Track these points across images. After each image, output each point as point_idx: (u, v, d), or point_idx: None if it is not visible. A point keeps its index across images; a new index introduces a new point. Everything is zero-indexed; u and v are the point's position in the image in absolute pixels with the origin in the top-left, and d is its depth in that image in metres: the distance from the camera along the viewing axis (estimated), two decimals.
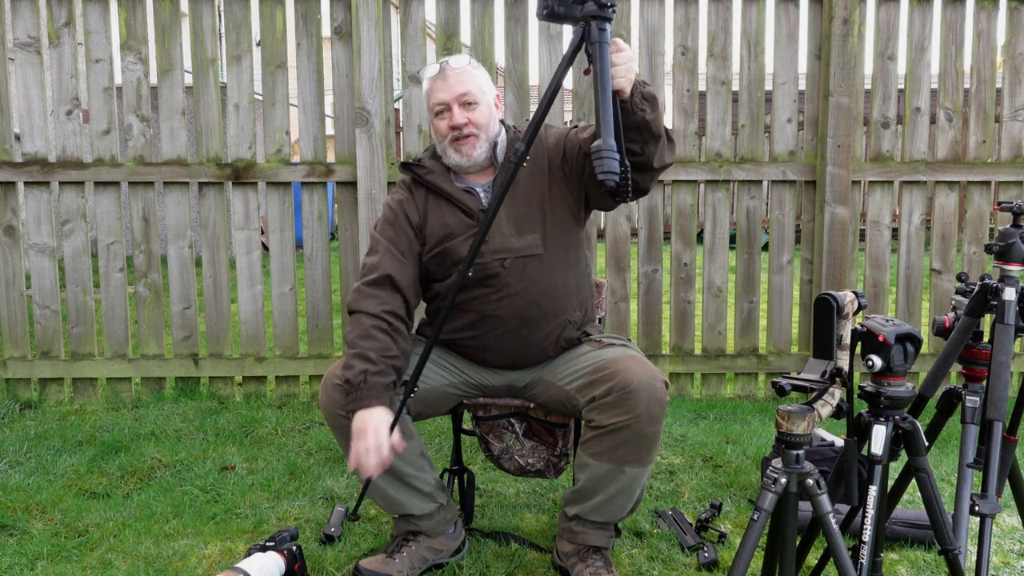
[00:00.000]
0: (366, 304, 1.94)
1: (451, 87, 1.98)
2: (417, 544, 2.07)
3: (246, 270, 3.61)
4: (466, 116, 1.98)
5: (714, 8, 3.53)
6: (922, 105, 3.58)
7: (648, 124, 1.75)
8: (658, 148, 1.82)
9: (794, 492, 1.43)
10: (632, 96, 1.69)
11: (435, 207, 2.05)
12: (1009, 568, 2.15)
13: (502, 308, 2.00)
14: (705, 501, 2.55)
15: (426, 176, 2.06)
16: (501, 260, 1.98)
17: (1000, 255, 1.78)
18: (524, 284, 1.99)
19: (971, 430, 1.78)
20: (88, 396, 3.65)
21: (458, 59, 2.02)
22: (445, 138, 2.01)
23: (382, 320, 1.92)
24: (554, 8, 1.49)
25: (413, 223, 2.05)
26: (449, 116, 1.99)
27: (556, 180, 2.04)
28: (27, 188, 3.55)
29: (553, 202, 2.03)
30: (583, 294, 2.12)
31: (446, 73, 1.99)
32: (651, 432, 1.85)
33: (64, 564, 2.12)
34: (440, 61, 2.03)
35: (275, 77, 3.51)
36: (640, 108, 1.72)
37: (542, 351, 2.07)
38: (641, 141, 1.78)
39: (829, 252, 3.59)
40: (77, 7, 3.49)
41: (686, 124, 3.63)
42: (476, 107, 1.99)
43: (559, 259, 2.03)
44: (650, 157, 1.81)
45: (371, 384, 1.83)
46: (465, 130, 1.98)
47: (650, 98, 1.74)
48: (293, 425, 3.28)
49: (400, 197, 2.09)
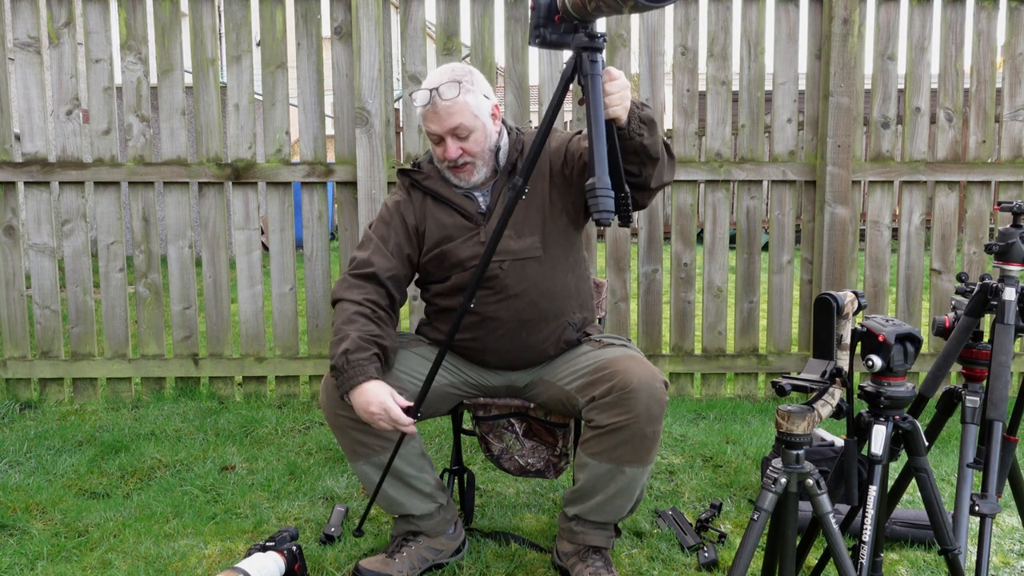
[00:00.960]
0: (349, 293, 1.97)
1: (442, 120, 1.93)
2: (417, 544, 2.07)
3: (246, 270, 3.61)
4: (459, 148, 1.97)
5: (714, 8, 3.53)
6: (922, 105, 3.58)
7: (646, 148, 1.77)
8: (656, 169, 1.84)
9: (794, 492, 1.43)
10: (629, 122, 1.70)
11: (433, 210, 2.06)
12: (1009, 568, 2.15)
13: (501, 310, 2.00)
14: (705, 501, 2.55)
15: (424, 181, 2.07)
16: (500, 262, 1.98)
17: (1000, 255, 1.78)
18: (524, 286, 2.00)
19: (971, 430, 1.78)
20: (88, 396, 3.65)
21: (448, 89, 1.91)
22: (443, 162, 2.02)
23: (364, 307, 1.94)
24: (546, 37, 1.50)
25: (409, 225, 2.06)
26: (443, 147, 1.98)
27: (556, 185, 2.04)
28: (27, 188, 3.55)
29: (553, 206, 2.03)
30: (583, 296, 2.12)
31: (436, 106, 1.92)
32: (651, 432, 1.85)
33: (64, 564, 2.12)
34: (430, 89, 1.92)
35: (275, 77, 3.51)
36: (638, 133, 1.73)
37: (542, 352, 2.07)
38: (639, 163, 1.80)
39: (829, 252, 3.59)
40: (77, 7, 3.48)
41: (686, 124, 3.63)
42: (470, 136, 1.96)
43: (558, 262, 2.03)
44: (647, 179, 1.84)
45: (353, 363, 1.84)
46: (460, 160, 1.98)
47: (648, 121, 1.74)
48: (293, 425, 3.28)
49: (398, 199, 2.10)
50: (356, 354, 1.85)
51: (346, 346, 1.86)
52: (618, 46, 3.53)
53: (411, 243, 2.06)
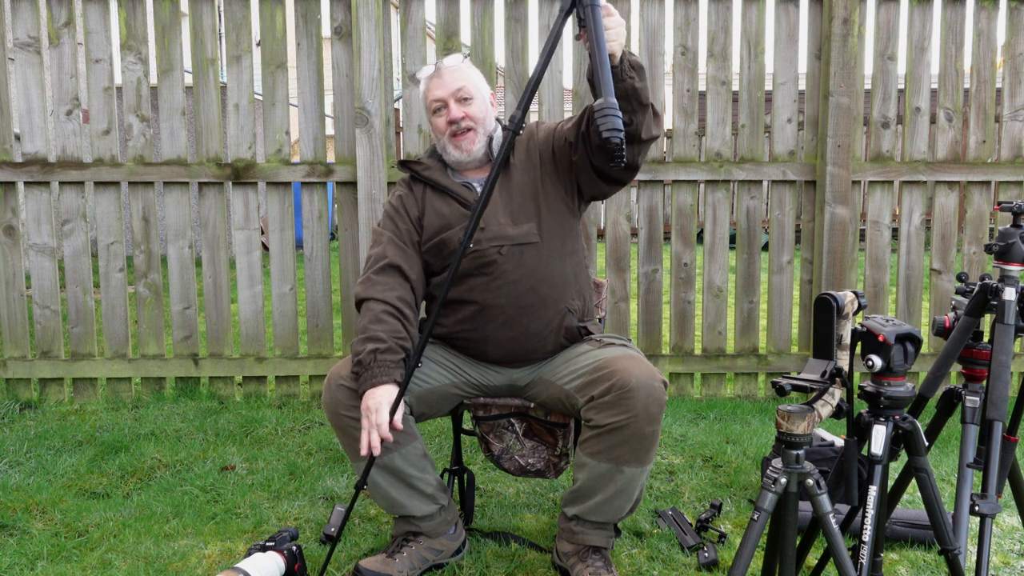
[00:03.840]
0: (375, 291, 1.99)
1: (447, 84, 2.06)
2: (417, 544, 2.07)
3: (246, 270, 3.61)
4: (463, 111, 2.06)
5: (714, 8, 3.53)
6: (922, 105, 3.58)
7: (637, 92, 1.79)
8: (646, 119, 1.85)
9: (794, 492, 1.43)
10: (622, 62, 1.73)
11: (432, 200, 2.11)
12: (1009, 568, 2.15)
13: (501, 296, 2.02)
14: (705, 501, 2.55)
15: (424, 172, 2.14)
16: (498, 247, 2.01)
17: (1000, 255, 1.78)
18: (522, 272, 2.02)
19: (971, 430, 1.78)
20: (88, 396, 3.65)
21: (452, 58, 2.11)
22: (444, 134, 2.09)
23: (391, 306, 1.97)
24: None
25: (412, 217, 2.12)
26: (447, 112, 2.06)
27: (548, 172, 2.09)
28: (27, 188, 3.55)
29: (547, 192, 2.07)
30: (581, 284, 2.14)
31: (441, 71, 2.08)
32: (649, 432, 1.85)
33: (64, 564, 2.12)
34: (435, 62, 2.12)
35: (275, 77, 3.51)
36: (629, 75, 1.75)
37: (543, 340, 2.07)
38: (630, 111, 1.81)
39: (829, 252, 3.59)
40: (77, 7, 3.49)
41: (686, 124, 3.63)
42: (472, 102, 2.07)
43: (555, 248, 2.06)
44: (638, 127, 1.85)
45: (380, 362, 1.87)
46: (463, 124, 2.05)
47: (638, 67, 1.77)
48: (293, 425, 3.27)
49: (400, 193, 2.16)
50: (385, 355, 1.88)
51: (376, 346, 1.89)
52: None
53: (417, 232, 2.12)
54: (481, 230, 2.01)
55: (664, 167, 3.59)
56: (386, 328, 1.92)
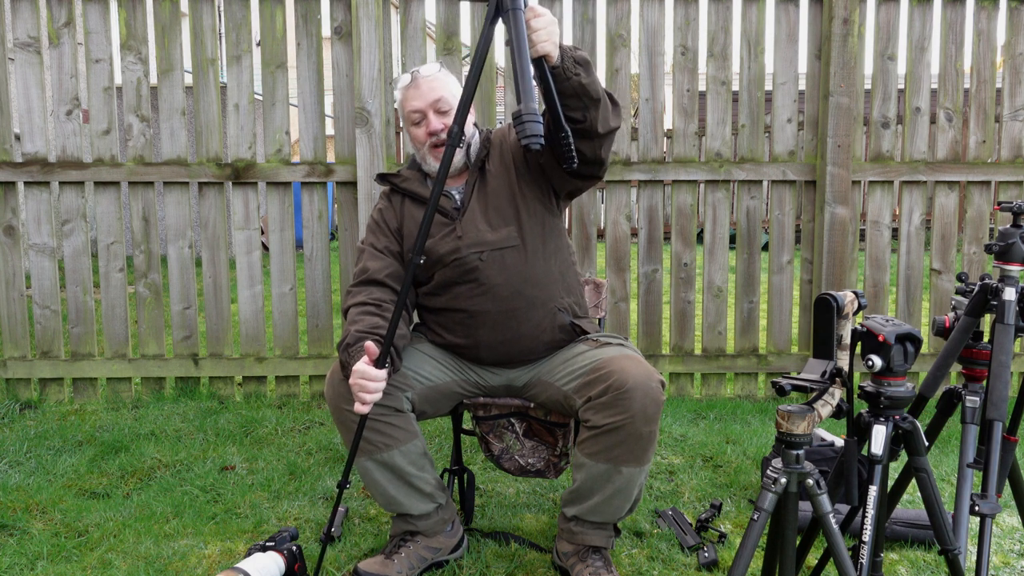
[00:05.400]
0: (353, 299, 2.04)
1: (424, 95, 2.04)
2: (415, 544, 2.07)
3: (246, 270, 3.61)
4: (442, 122, 2.05)
5: (714, 8, 3.53)
6: (922, 105, 3.58)
7: (585, 88, 1.75)
8: (599, 112, 1.81)
9: (794, 492, 1.42)
10: (563, 61, 1.69)
11: (411, 210, 2.13)
12: (1009, 568, 2.15)
13: (487, 302, 2.03)
14: (705, 501, 2.55)
15: (402, 184, 2.15)
16: (478, 254, 2.02)
17: (1000, 255, 1.78)
18: (505, 276, 2.02)
19: (971, 430, 1.78)
20: (88, 396, 3.65)
21: (429, 67, 2.08)
22: (423, 145, 2.08)
23: (369, 305, 1.99)
24: None
25: (392, 228, 2.13)
26: (426, 124, 2.06)
27: (522, 174, 2.09)
28: (27, 188, 3.55)
29: (524, 195, 2.07)
30: (569, 281, 2.14)
31: (418, 81, 2.05)
32: (647, 432, 1.85)
33: (64, 564, 2.12)
34: (411, 71, 2.08)
35: (275, 77, 3.51)
36: (574, 73, 1.71)
37: (536, 341, 2.07)
38: (582, 108, 1.78)
39: (829, 252, 3.59)
40: (77, 7, 3.49)
41: (686, 124, 3.63)
42: (450, 112, 2.04)
43: (538, 248, 2.06)
44: (593, 123, 1.81)
45: (352, 353, 1.87)
46: (442, 135, 2.04)
47: (582, 62, 1.73)
48: (293, 425, 3.27)
49: (380, 206, 2.19)
50: (354, 346, 1.89)
51: (347, 340, 1.91)
52: (618, 46, 3.53)
53: (398, 244, 2.13)
54: (459, 238, 2.03)
55: (664, 167, 3.59)
56: (359, 325, 1.93)
